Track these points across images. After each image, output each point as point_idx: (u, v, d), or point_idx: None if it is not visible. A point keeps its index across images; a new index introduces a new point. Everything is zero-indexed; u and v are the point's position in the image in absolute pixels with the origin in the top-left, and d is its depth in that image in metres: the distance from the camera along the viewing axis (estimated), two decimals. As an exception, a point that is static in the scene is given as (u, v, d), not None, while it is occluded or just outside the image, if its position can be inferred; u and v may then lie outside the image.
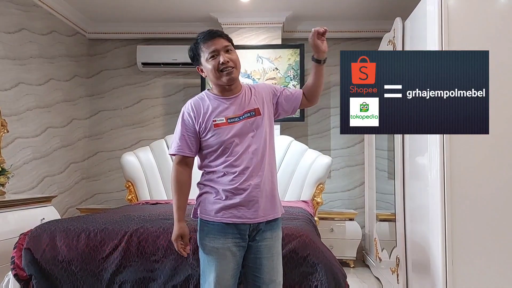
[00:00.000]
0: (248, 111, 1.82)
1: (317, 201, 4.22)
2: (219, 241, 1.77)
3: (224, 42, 1.79)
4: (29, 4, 4.14)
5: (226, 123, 1.78)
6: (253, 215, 1.79)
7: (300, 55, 4.65)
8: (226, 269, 1.77)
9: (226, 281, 1.77)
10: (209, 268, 1.79)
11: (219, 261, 1.77)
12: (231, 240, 1.78)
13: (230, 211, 1.78)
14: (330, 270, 2.19)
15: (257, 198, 1.79)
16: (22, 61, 4.04)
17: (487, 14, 2.49)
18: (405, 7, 3.60)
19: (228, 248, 1.77)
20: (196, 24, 5.05)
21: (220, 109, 1.81)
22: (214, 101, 1.83)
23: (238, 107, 1.82)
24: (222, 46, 1.78)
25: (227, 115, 1.80)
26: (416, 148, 2.88)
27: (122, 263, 2.34)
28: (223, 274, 1.76)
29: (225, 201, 1.78)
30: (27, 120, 4.10)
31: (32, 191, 4.15)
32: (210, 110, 1.81)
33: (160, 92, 5.22)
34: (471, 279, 2.41)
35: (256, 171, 1.79)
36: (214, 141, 1.79)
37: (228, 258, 1.77)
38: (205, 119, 1.80)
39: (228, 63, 1.77)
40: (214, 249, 1.78)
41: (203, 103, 1.84)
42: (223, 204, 1.78)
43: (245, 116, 1.81)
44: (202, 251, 1.83)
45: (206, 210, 1.83)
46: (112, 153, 5.18)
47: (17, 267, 2.43)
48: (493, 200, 2.42)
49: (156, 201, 4.07)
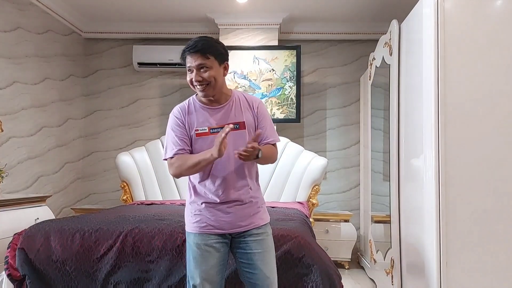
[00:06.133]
0: (232, 124, 1.78)
1: (312, 203, 4.22)
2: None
3: (199, 59, 1.76)
4: (25, 3, 4.12)
5: (208, 132, 1.81)
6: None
7: (296, 57, 4.66)
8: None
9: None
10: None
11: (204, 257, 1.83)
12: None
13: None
14: (325, 271, 2.19)
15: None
16: (18, 60, 4.02)
17: (483, 17, 2.51)
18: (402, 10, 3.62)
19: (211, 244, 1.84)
20: (193, 25, 5.05)
21: (204, 118, 1.84)
22: (199, 109, 1.87)
23: (222, 118, 1.84)
24: (196, 65, 1.77)
25: (210, 124, 1.83)
26: (411, 150, 2.89)
27: (116, 263, 2.33)
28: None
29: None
30: (22, 120, 4.08)
31: (26, 191, 4.13)
32: (194, 118, 1.84)
33: (156, 92, 5.21)
34: (465, 280, 2.41)
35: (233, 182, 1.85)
36: (197, 149, 1.83)
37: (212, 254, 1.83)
38: (190, 125, 1.84)
39: (201, 81, 1.78)
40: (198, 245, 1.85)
41: (189, 110, 1.87)
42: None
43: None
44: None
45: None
46: (107, 153, 5.17)
47: (10, 267, 2.41)
48: (488, 202, 2.43)
49: (151, 202, 4.06)
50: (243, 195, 1.87)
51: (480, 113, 2.46)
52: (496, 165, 2.43)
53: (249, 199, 1.89)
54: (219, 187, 1.84)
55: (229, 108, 1.87)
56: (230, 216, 1.85)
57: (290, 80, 4.66)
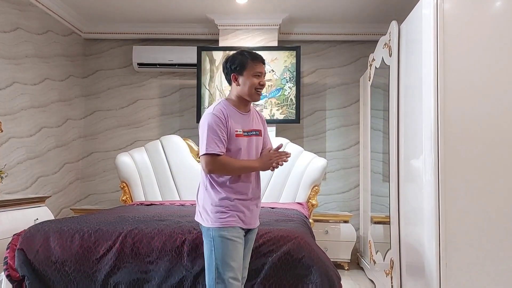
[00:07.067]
0: (254, 130, 2.06)
1: (312, 203, 4.22)
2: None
3: (264, 69, 2.07)
4: (25, 3, 4.12)
5: (242, 134, 2.01)
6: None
7: (296, 57, 4.65)
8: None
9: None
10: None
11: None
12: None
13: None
14: (325, 272, 2.19)
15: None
16: (17, 60, 4.02)
17: (482, 18, 2.51)
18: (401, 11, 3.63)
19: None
20: (193, 25, 5.05)
21: (238, 122, 2.02)
22: (234, 113, 2.03)
23: (249, 123, 2.06)
24: (264, 72, 2.07)
25: (243, 128, 2.02)
26: (410, 151, 2.89)
27: (116, 264, 2.33)
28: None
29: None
30: (21, 120, 4.08)
31: (25, 191, 4.12)
32: (232, 120, 2.00)
33: (156, 93, 5.21)
34: (465, 281, 2.41)
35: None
36: (233, 148, 1.99)
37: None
38: (230, 126, 1.98)
39: (263, 86, 2.06)
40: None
41: (229, 113, 2.01)
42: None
43: (252, 133, 2.04)
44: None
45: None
46: (107, 153, 5.16)
47: (10, 268, 2.41)
48: (488, 202, 2.43)
49: (150, 202, 4.06)
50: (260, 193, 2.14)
51: (479, 113, 2.46)
52: (496, 166, 2.43)
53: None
54: (250, 186, 2.04)
55: (251, 115, 2.10)
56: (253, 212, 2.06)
57: (290, 81, 4.67)
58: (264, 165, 2.00)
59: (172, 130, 5.10)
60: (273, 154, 2.01)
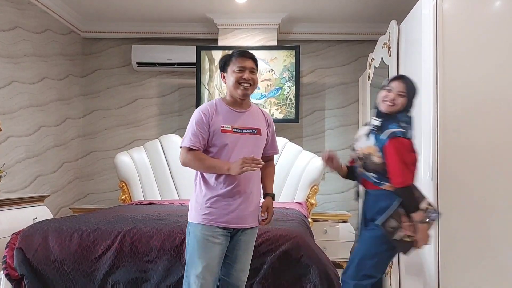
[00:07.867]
0: (251, 128, 2.03)
1: (311, 203, 4.22)
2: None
3: (252, 64, 2.04)
4: (23, 2, 4.11)
5: (231, 131, 1.98)
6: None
7: (295, 57, 4.65)
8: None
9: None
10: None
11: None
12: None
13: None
14: (324, 271, 2.20)
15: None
16: (16, 59, 4.01)
17: (482, 18, 2.51)
18: (401, 10, 3.62)
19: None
20: (192, 25, 5.04)
21: (228, 119, 2.01)
22: (226, 110, 2.03)
23: (243, 121, 2.03)
24: (250, 67, 2.03)
25: (233, 124, 2.00)
26: (410, 151, 2.89)
27: (115, 263, 2.33)
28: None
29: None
30: (20, 119, 4.07)
31: (24, 191, 4.12)
32: (220, 117, 2.00)
33: (155, 92, 5.20)
34: (464, 281, 2.42)
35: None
36: (218, 144, 1.98)
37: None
38: (215, 123, 1.98)
39: (248, 80, 2.01)
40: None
41: (217, 109, 2.03)
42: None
43: (246, 131, 2.01)
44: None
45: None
46: (105, 153, 5.16)
47: (8, 267, 2.41)
48: (485, 202, 2.43)
49: (149, 202, 4.06)
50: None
51: (478, 113, 2.46)
52: (495, 166, 2.44)
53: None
54: (238, 184, 1.98)
55: (249, 114, 2.07)
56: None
57: (289, 80, 4.66)
58: (233, 169, 1.89)
59: (171, 130, 5.09)
60: (246, 160, 1.86)
